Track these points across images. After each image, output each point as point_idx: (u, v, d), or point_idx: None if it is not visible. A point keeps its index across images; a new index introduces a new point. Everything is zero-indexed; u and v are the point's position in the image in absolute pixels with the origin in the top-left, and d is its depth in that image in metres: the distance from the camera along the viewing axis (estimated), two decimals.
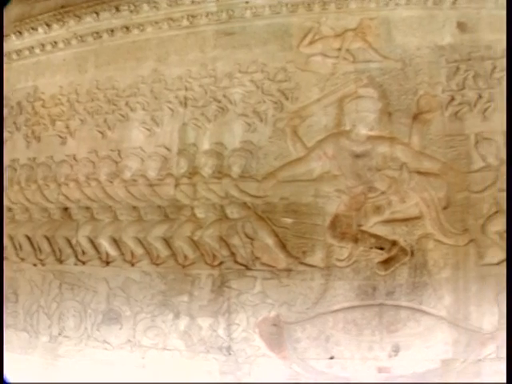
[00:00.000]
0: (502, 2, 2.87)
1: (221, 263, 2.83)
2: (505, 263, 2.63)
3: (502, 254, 2.67)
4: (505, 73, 2.74)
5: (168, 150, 2.95)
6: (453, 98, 2.77)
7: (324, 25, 2.87)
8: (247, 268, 2.79)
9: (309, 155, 2.76)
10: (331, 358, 2.71)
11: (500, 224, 2.69)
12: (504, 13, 2.87)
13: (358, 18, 2.86)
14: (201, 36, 3.00)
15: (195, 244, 2.86)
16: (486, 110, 2.77)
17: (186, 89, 2.96)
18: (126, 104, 3.07)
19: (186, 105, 2.95)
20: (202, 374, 2.85)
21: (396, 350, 2.67)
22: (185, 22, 3.02)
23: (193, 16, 3.00)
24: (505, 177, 2.70)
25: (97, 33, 3.18)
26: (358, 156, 2.74)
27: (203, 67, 2.96)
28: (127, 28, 3.11)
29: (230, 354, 2.78)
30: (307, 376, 2.74)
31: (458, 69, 2.80)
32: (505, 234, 2.67)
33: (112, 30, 3.15)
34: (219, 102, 2.90)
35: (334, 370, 2.71)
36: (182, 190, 2.89)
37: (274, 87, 2.85)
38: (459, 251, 2.68)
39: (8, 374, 2.63)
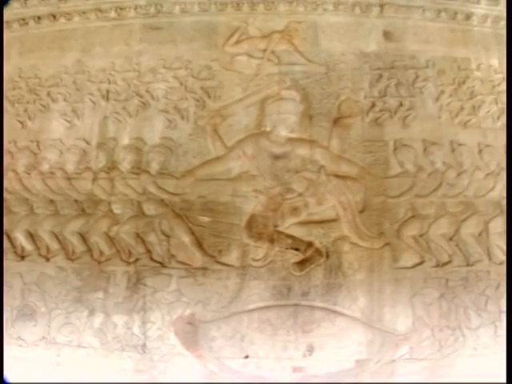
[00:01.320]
0: (429, 15, 2.95)
1: (136, 260, 2.77)
2: (419, 267, 2.75)
3: (416, 258, 2.75)
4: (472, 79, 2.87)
5: (87, 143, 2.87)
6: (374, 105, 2.81)
7: (251, 25, 2.86)
8: (163, 266, 2.75)
9: (228, 154, 2.74)
10: (246, 357, 2.70)
11: (415, 229, 2.76)
12: (430, 24, 2.95)
13: (286, 20, 2.87)
14: (127, 29, 2.95)
15: (111, 240, 2.80)
16: (406, 117, 2.82)
17: (109, 82, 2.90)
18: (48, 94, 2.98)
19: (107, 98, 2.89)
20: (117, 373, 2.80)
21: (310, 349, 2.68)
22: (112, 14, 2.96)
23: (121, 8, 2.94)
24: (422, 183, 2.79)
25: (23, 19, 3.09)
26: (277, 157, 2.73)
27: (127, 61, 2.90)
28: (54, 16, 3.03)
29: (144, 352, 2.73)
30: (223, 375, 2.73)
31: (381, 76, 2.84)
32: (420, 239, 2.76)
33: (39, 18, 3.06)
34: (141, 96, 2.85)
35: (249, 369, 2.70)
36: (100, 185, 2.82)
37: (197, 85, 2.82)
38: (374, 254, 2.71)
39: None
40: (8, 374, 2.65)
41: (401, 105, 2.82)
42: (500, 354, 2.80)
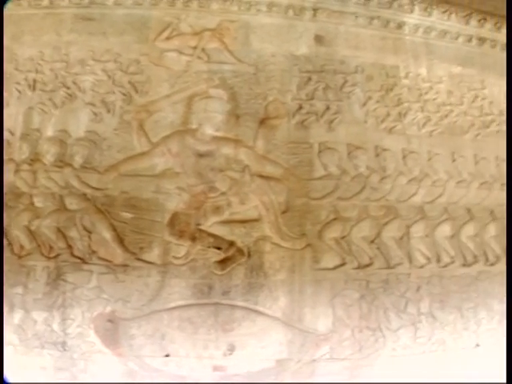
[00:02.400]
0: (362, 21, 2.99)
1: (57, 255, 2.71)
2: (340, 268, 2.79)
3: (337, 260, 2.79)
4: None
5: (11, 133, 2.80)
6: (301, 107, 2.84)
7: (183, 22, 2.85)
8: (84, 262, 2.70)
9: (153, 151, 2.72)
10: (167, 355, 2.68)
11: (337, 231, 2.80)
12: (362, 31, 3.00)
13: (219, 19, 2.87)
14: (58, 18, 2.89)
15: (32, 234, 2.72)
16: (332, 121, 2.86)
17: (37, 71, 2.83)
18: None
19: (34, 88, 2.82)
20: (37, 371, 2.73)
21: (231, 349, 2.68)
22: (45, 2, 2.89)
23: None
24: (345, 186, 2.84)
25: None
26: (201, 155, 2.73)
27: (56, 51, 2.84)
28: None
29: (64, 349, 2.68)
30: (143, 374, 2.70)
31: (309, 79, 2.87)
32: (341, 241, 2.80)
33: None
34: (68, 88, 2.80)
35: (169, 367, 2.68)
36: (22, 177, 2.75)
37: (125, 79, 2.79)
38: (296, 255, 2.73)
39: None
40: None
41: (328, 108, 2.86)
42: (418, 356, 2.88)
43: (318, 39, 2.93)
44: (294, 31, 2.91)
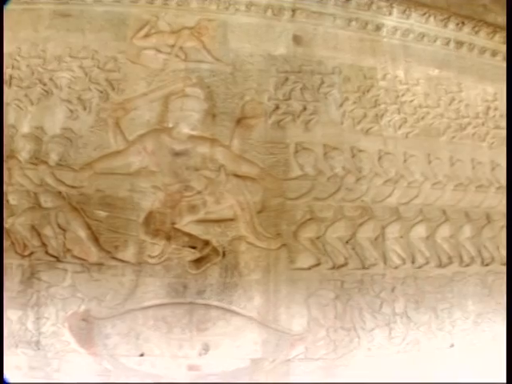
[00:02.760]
0: (340, 23, 3.01)
1: (31, 253, 2.69)
2: (315, 268, 2.80)
3: (312, 260, 2.80)
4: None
5: None
6: (278, 107, 2.85)
7: (162, 20, 2.85)
8: (58, 260, 2.68)
9: (128, 149, 2.71)
10: (141, 355, 2.67)
11: (312, 231, 2.82)
12: (340, 32, 3.02)
13: (197, 17, 2.87)
14: (36, 14, 2.87)
15: (6, 232, 2.70)
16: (308, 121, 2.87)
17: (13, 67, 2.81)
18: None
19: (10, 84, 2.80)
20: (12, 370, 2.69)
21: (206, 348, 2.68)
22: None
23: None
24: (321, 187, 2.86)
25: None
26: (177, 154, 2.72)
27: (34, 47, 2.82)
28: None
29: (39, 348, 2.66)
30: (118, 373, 2.68)
31: (286, 79, 2.88)
32: (316, 241, 2.82)
33: None
34: (45, 84, 2.78)
35: (144, 367, 2.67)
36: None
37: (102, 76, 2.78)
38: (271, 255, 2.74)
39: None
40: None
41: (304, 109, 2.87)
42: (393, 356, 2.90)
43: (297, 40, 2.94)
44: (272, 31, 2.92)
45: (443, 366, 2.96)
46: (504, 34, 3.30)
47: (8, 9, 2.90)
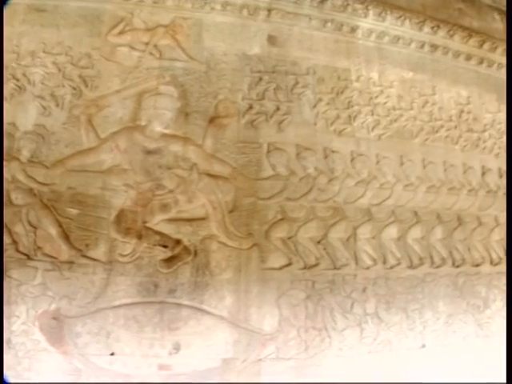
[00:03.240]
0: (316, 24, 3.02)
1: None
2: (286, 268, 2.81)
3: (283, 260, 2.81)
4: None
5: None
6: (251, 107, 2.86)
7: (137, 17, 2.84)
8: (29, 258, 2.65)
9: (100, 146, 2.70)
10: (112, 354, 2.65)
11: (284, 231, 2.83)
12: (315, 33, 3.04)
13: (172, 15, 2.87)
14: (12, 9, 2.82)
15: None
16: (281, 121, 2.89)
17: None
18: None
19: None
20: None
21: (177, 347, 2.68)
22: None
23: None
24: (293, 187, 2.87)
25: None
26: (149, 152, 2.72)
27: (8, 42, 2.77)
28: None
29: (9, 347, 2.62)
30: (88, 372, 2.66)
31: (260, 79, 2.89)
32: (288, 241, 2.83)
33: None
34: (18, 80, 2.75)
35: (115, 366, 2.66)
36: None
37: (75, 72, 2.76)
38: (242, 254, 2.75)
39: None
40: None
41: (278, 109, 2.89)
42: (364, 356, 2.92)
43: (271, 40, 2.95)
44: (247, 31, 2.93)
45: (414, 366, 2.98)
46: (479, 38, 3.35)
47: None
